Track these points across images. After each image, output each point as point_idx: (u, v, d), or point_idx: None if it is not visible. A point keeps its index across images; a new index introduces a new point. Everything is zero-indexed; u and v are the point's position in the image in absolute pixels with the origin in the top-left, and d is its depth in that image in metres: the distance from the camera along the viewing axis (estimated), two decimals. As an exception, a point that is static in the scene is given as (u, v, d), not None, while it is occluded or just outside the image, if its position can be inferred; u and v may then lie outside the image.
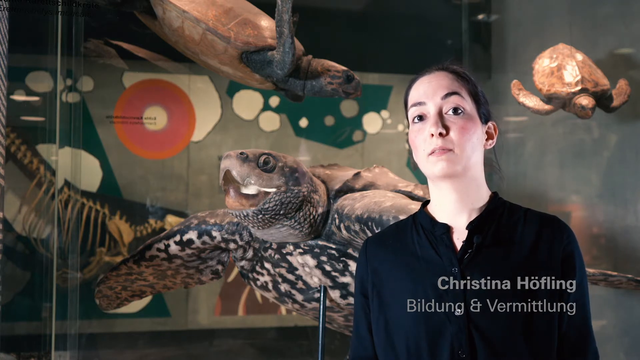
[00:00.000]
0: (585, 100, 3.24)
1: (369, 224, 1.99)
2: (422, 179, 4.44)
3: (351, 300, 2.23)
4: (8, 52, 2.52)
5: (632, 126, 3.50)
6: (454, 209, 1.39)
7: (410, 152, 1.52)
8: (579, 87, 3.28)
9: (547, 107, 3.42)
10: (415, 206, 1.98)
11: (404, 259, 1.40)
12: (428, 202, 1.48)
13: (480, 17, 4.71)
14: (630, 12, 3.53)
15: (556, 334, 1.33)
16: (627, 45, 3.60)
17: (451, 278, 1.32)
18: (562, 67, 3.38)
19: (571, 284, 1.34)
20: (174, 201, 4.32)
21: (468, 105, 1.39)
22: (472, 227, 1.36)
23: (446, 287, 1.32)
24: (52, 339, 3.49)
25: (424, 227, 1.42)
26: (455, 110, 1.37)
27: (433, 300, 1.32)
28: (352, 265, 2.17)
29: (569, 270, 1.34)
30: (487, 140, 1.43)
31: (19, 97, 3.89)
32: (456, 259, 1.34)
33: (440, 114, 1.37)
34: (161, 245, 2.37)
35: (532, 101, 3.44)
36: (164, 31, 2.55)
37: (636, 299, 3.42)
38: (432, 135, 1.35)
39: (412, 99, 1.42)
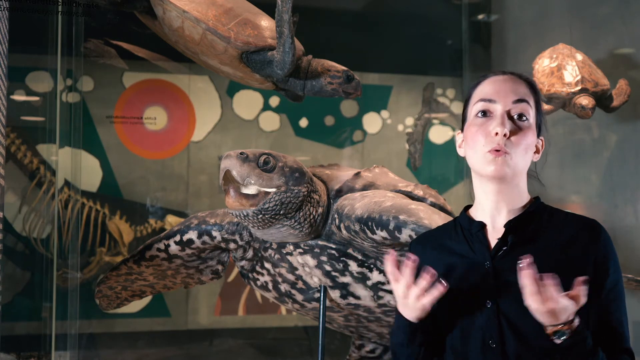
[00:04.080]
0: (585, 100, 3.24)
1: (369, 224, 1.99)
2: (422, 179, 4.44)
3: (351, 300, 2.24)
4: (8, 52, 2.52)
5: (632, 126, 3.50)
6: (494, 208, 1.43)
7: (410, 152, 1.54)
8: (579, 87, 3.28)
9: (547, 107, 3.42)
10: (415, 206, 1.99)
11: (441, 256, 1.47)
12: (470, 206, 1.53)
13: (480, 17, 4.71)
14: (630, 12, 3.53)
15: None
16: (627, 45, 3.60)
17: (484, 272, 1.38)
18: (562, 67, 3.38)
19: (602, 287, 1.36)
20: (174, 201, 4.32)
21: (532, 115, 1.42)
22: (509, 226, 1.41)
23: (479, 280, 1.38)
24: (52, 339, 3.49)
25: (462, 226, 1.48)
26: (521, 117, 1.40)
27: (466, 292, 1.38)
28: (352, 265, 2.17)
29: (602, 272, 1.37)
30: (534, 153, 1.46)
31: (19, 97, 3.89)
32: (489, 255, 1.39)
33: (507, 116, 1.39)
34: (161, 245, 2.37)
35: (532, 101, 3.44)
36: (164, 31, 2.55)
37: (636, 299, 3.42)
38: (497, 134, 1.37)
39: (480, 94, 1.44)
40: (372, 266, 2.16)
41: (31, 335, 3.80)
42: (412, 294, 1.35)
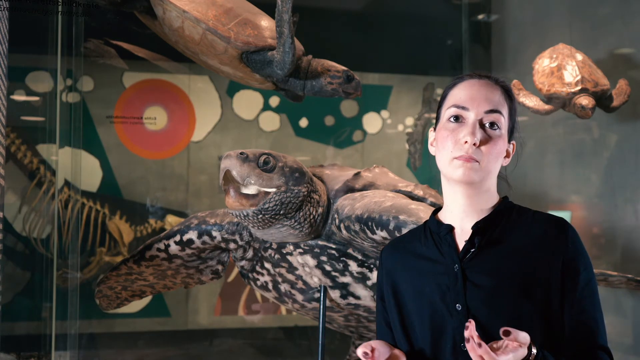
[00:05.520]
0: (585, 100, 3.24)
1: (369, 223, 1.99)
2: (422, 179, 4.44)
3: (351, 300, 2.24)
4: (8, 52, 2.52)
5: (632, 126, 3.50)
6: (463, 212, 1.43)
7: (410, 152, 1.54)
8: (579, 87, 3.28)
9: (547, 107, 3.42)
10: (415, 206, 1.99)
11: (412, 261, 1.46)
12: (439, 208, 1.52)
13: (480, 17, 4.71)
14: (630, 12, 3.53)
15: (557, 331, 1.34)
16: (627, 45, 3.60)
17: (453, 275, 1.37)
18: (562, 67, 3.38)
19: (574, 285, 1.35)
20: (174, 201, 4.32)
21: (504, 123, 1.41)
22: (476, 227, 1.40)
23: (448, 284, 1.37)
24: (52, 339, 3.49)
25: (431, 230, 1.47)
26: (492, 125, 1.39)
27: (437, 296, 1.38)
28: (352, 265, 2.17)
29: (572, 271, 1.36)
30: (504, 157, 1.46)
31: (19, 97, 3.89)
32: (458, 258, 1.38)
33: (478, 124, 1.38)
34: (161, 245, 2.37)
35: (532, 101, 3.45)
36: (164, 31, 2.55)
37: (636, 299, 3.42)
38: (466, 142, 1.36)
39: (454, 99, 1.42)
40: (372, 266, 2.16)
41: (31, 335, 3.79)
42: None
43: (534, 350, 1.24)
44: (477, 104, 1.39)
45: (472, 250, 1.38)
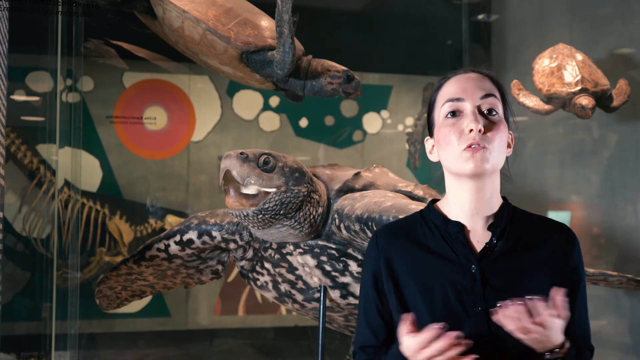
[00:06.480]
0: (585, 100, 3.24)
1: (369, 224, 1.99)
2: (422, 179, 4.43)
3: (351, 300, 2.24)
4: (8, 52, 2.52)
5: (632, 126, 3.50)
6: (472, 208, 1.41)
7: (410, 152, 1.54)
8: (579, 87, 3.28)
9: (547, 107, 3.42)
10: (415, 206, 1.99)
11: (418, 253, 1.42)
12: (435, 200, 1.49)
13: (480, 17, 4.71)
14: (630, 12, 3.53)
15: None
16: (627, 45, 3.60)
17: (470, 276, 1.36)
18: (562, 67, 3.38)
19: (576, 293, 1.40)
20: (174, 201, 4.32)
21: (501, 109, 1.42)
22: (494, 229, 1.40)
23: (464, 284, 1.35)
24: (52, 339, 3.49)
25: (435, 223, 1.44)
26: (490, 111, 1.39)
27: (451, 296, 1.36)
28: (352, 265, 2.17)
29: (576, 277, 1.41)
30: (507, 147, 1.45)
31: (19, 97, 3.89)
32: (475, 258, 1.37)
33: (477, 111, 1.38)
34: (161, 245, 2.37)
35: (532, 101, 3.44)
36: (164, 31, 2.55)
37: (636, 299, 3.42)
38: (471, 130, 1.35)
39: (447, 95, 1.42)
40: (372, 266, 2.16)
41: (31, 335, 3.80)
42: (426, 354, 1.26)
43: (568, 344, 1.28)
44: (471, 92, 1.39)
45: (489, 252, 1.38)
